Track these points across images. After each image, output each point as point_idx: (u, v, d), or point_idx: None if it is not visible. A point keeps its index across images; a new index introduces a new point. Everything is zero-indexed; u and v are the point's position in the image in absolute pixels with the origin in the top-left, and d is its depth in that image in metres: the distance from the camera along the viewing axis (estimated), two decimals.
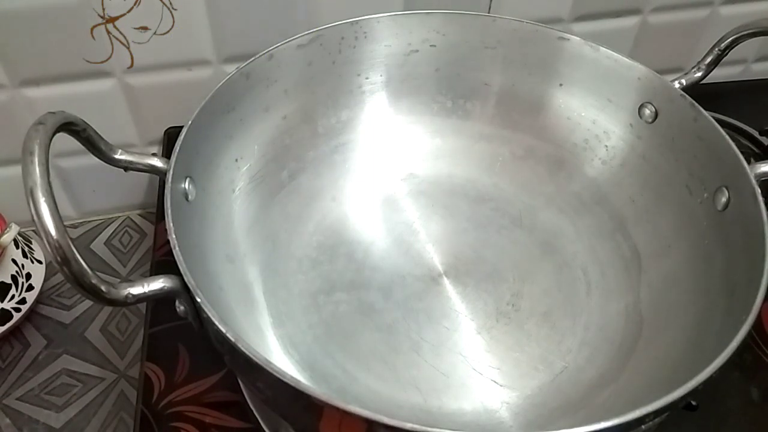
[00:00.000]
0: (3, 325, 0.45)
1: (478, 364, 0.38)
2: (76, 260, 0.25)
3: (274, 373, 0.25)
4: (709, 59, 0.42)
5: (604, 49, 0.42)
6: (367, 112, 0.46)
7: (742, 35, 0.40)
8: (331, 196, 0.45)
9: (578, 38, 0.42)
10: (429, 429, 0.24)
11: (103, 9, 0.45)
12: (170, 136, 0.53)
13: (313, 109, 0.44)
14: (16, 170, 0.46)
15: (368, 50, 0.44)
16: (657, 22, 0.57)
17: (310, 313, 0.40)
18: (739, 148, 0.36)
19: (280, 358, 0.37)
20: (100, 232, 0.56)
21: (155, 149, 0.55)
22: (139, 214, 0.58)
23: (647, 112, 0.41)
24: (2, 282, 0.45)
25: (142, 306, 0.49)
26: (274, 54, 0.40)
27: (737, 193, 0.35)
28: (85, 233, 0.56)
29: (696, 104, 0.38)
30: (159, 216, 0.51)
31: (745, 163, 0.35)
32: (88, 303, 0.51)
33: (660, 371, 0.34)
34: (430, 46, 0.45)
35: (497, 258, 0.43)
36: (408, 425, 0.24)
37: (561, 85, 0.44)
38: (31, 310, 0.48)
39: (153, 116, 0.52)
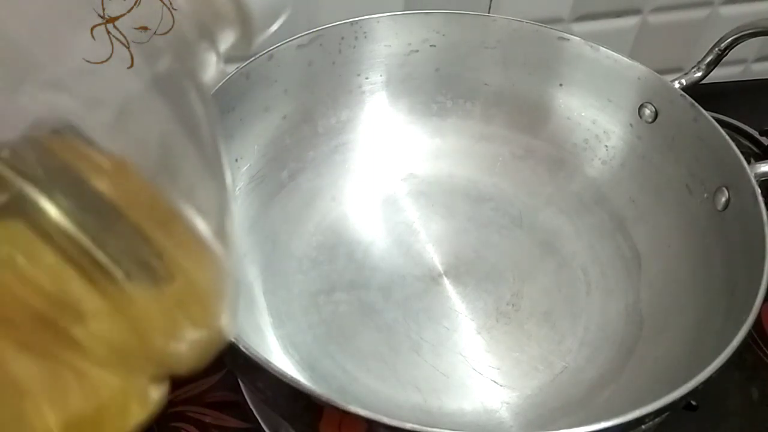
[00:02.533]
0: None
1: (478, 364, 0.38)
2: None
3: (274, 373, 0.26)
4: (709, 59, 0.42)
5: (604, 49, 0.42)
6: (367, 112, 0.46)
7: (742, 35, 0.40)
8: (331, 196, 0.45)
9: (578, 38, 0.42)
10: (429, 429, 0.24)
11: (103, 9, 0.45)
12: None
13: (313, 109, 0.44)
14: None
15: (368, 50, 0.44)
16: (657, 22, 0.57)
17: (310, 313, 0.39)
18: (739, 148, 0.36)
19: (280, 358, 0.37)
20: None
21: None
22: None
23: (647, 112, 0.41)
24: None
25: None
26: (274, 54, 0.40)
27: (737, 193, 0.35)
28: None
29: (696, 104, 0.38)
30: None
31: (745, 163, 0.35)
32: None
33: (660, 371, 0.34)
34: (430, 46, 0.45)
35: (497, 258, 0.43)
36: (408, 425, 0.24)
37: (561, 85, 0.44)
38: None
39: None
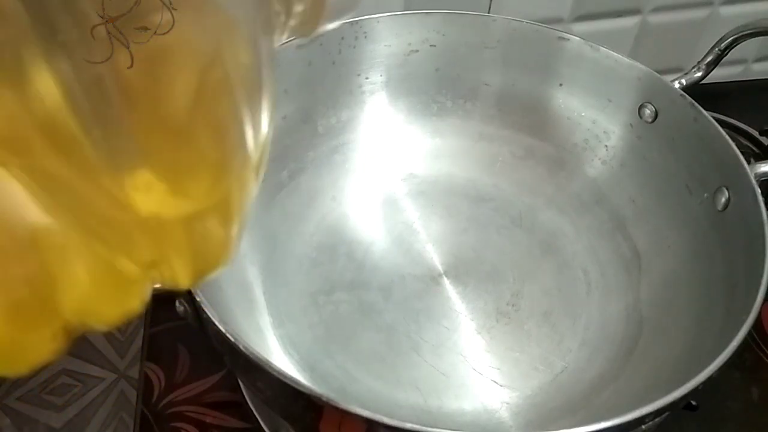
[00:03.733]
0: None
1: (478, 364, 0.38)
2: None
3: (274, 373, 0.26)
4: (709, 59, 0.42)
5: (604, 49, 0.42)
6: (367, 112, 0.46)
7: (742, 35, 0.40)
8: (331, 196, 0.45)
9: (578, 38, 0.42)
10: (429, 429, 0.24)
11: (103, 9, 0.45)
12: None
13: (313, 109, 0.44)
14: None
15: (368, 50, 0.44)
16: (657, 22, 0.57)
17: (310, 313, 0.40)
18: (739, 148, 0.36)
19: (280, 358, 0.37)
20: None
21: None
22: None
23: (647, 112, 0.41)
24: None
25: None
26: None
27: (737, 193, 0.35)
28: None
29: (696, 104, 0.38)
30: None
31: (745, 163, 0.35)
32: None
33: (660, 371, 0.34)
34: (430, 46, 0.45)
35: (497, 258, 0.43)
36: (408, 425, 0.24)
37: (561, 85, 0.44)
38: None
39: None
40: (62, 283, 0.17)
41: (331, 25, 0.22)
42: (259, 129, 0.19)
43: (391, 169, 0.46)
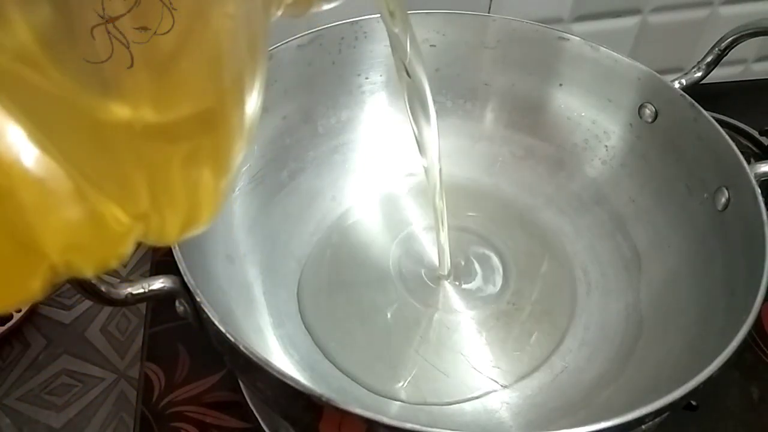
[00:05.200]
0: (3, 325, 0.45)
1: (478, 363, 0.38)
2: None
3: (274, 373, 0.26)
4: (709, 59, 0.42)
5: (604, 49, 0.42)
6: (367, 112, 0.46)
7: (742, 35, 0.40)
8: (331, 196, 0.45)
9: (578, 38, 0.42)
10: (429, 429, 0.24)
11: (103, 9, 0.45)
12: None
13: (313, 109, 0.44)
14: None
15: (368, 50, 0.44)
16: (657, 22, 0.57)
17: None
18: (739, 148, 0.36)
19: (280, 358, 0.37)
20: None
21: None
22: None
23: (647, 112, 0.41)
24: None
25: (142, 306, 0.49)
26: (274, 54, 0.40)
27: (737, 193, 0.35)
28: None
29: (696, 104, 0.38)
30: None
31: (745, 163, 0.35)
32: (88, 303, 0.51)
33: (660, 371, 0.34)
34: (430, 46, 0.45)
35: (497, 258, 0.43)
36: (408, 425, 0.24)
37: (561, 85, 0.44)
38: (32, 310, 0.49)
39: None
40: (42, 226, 0.17)
41: (326, 6, 0.23)
42: (251, 89, 0.20)
43: (390, 169, 0.46)
